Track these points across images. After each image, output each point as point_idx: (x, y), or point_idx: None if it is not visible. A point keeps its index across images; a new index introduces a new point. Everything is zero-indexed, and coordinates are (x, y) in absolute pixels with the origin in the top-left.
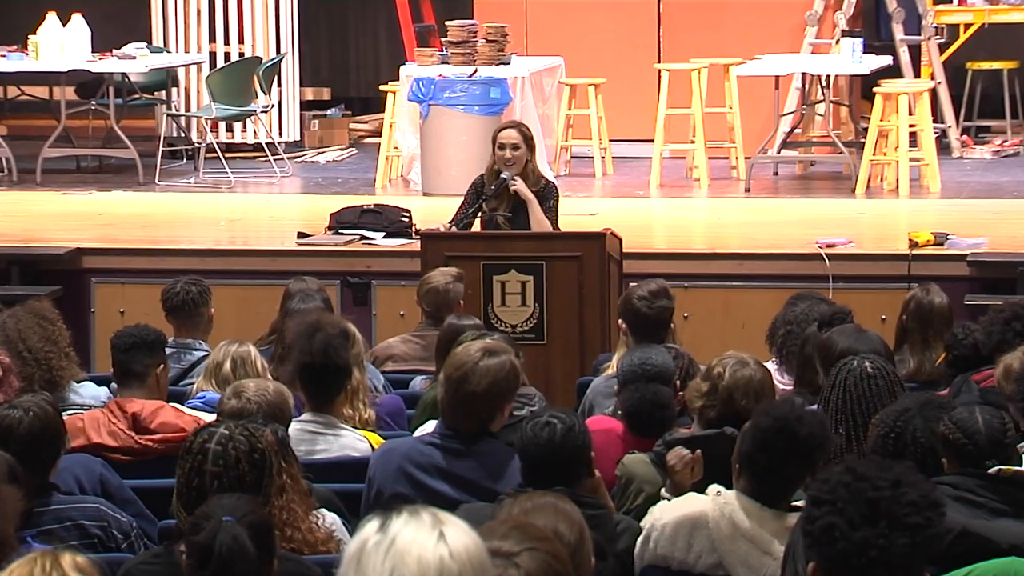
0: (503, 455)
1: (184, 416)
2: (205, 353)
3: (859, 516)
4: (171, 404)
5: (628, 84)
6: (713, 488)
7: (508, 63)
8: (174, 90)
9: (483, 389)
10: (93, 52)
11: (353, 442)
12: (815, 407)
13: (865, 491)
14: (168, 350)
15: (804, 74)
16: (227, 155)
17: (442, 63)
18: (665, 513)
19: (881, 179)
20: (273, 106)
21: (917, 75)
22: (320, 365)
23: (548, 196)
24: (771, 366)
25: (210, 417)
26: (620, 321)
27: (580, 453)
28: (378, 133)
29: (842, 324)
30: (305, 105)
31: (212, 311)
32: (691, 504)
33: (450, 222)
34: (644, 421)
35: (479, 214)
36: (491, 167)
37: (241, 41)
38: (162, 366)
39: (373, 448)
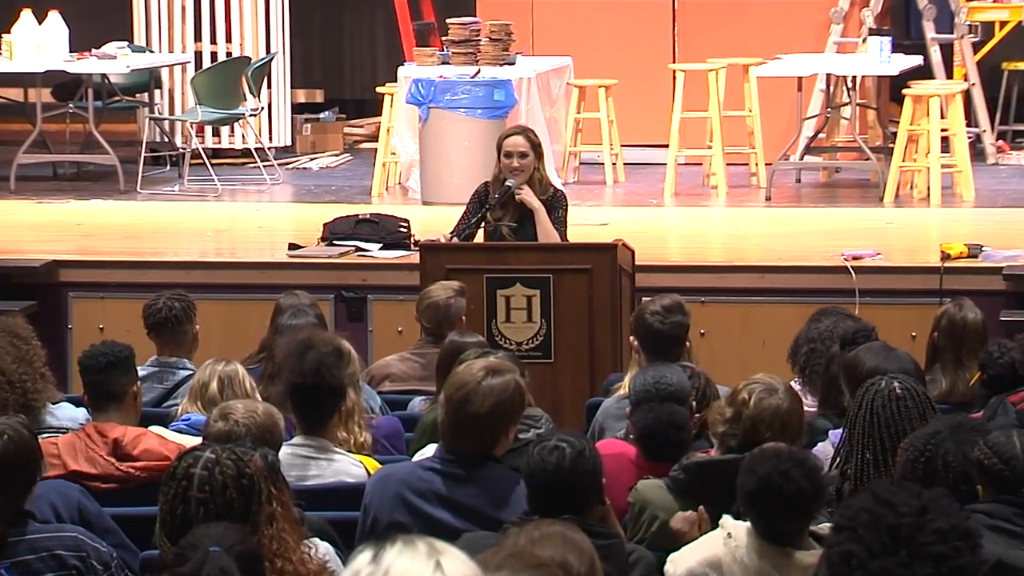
0: (507, 481)
1: (169, 443)
2: (190, 373)
3: (879, 544)
4: (154, 429)
5: (641, 86)
6: (726, 523)
7: (513, 63)
8: (157, 92)
9: (486, 411)
10: (71, 52)
11: (347, 467)
12: (839, 430)
13: (885, 517)
14: (150, 369)
15: (829, 75)
16: (214, 161)
17: (443, 63)
18: (679, 564)
19: (911, 187)
20: (263, 109)
21: (949, 76)
22: (312, 385)
23: (556, 205)
24: (794, 386)
25: (196, 441)
26: (632, 338)
27: (590, 479)
28: (374, 138)
29: (867, 342)
30: (297, 108)
31: (197, 328)
32: (704, 549)
33: (451, 233)
34: (659, 443)
35: (482, 224)
36: (496, 175)
37: (228, 40)
38: (138, 383)
39: (369, 473)
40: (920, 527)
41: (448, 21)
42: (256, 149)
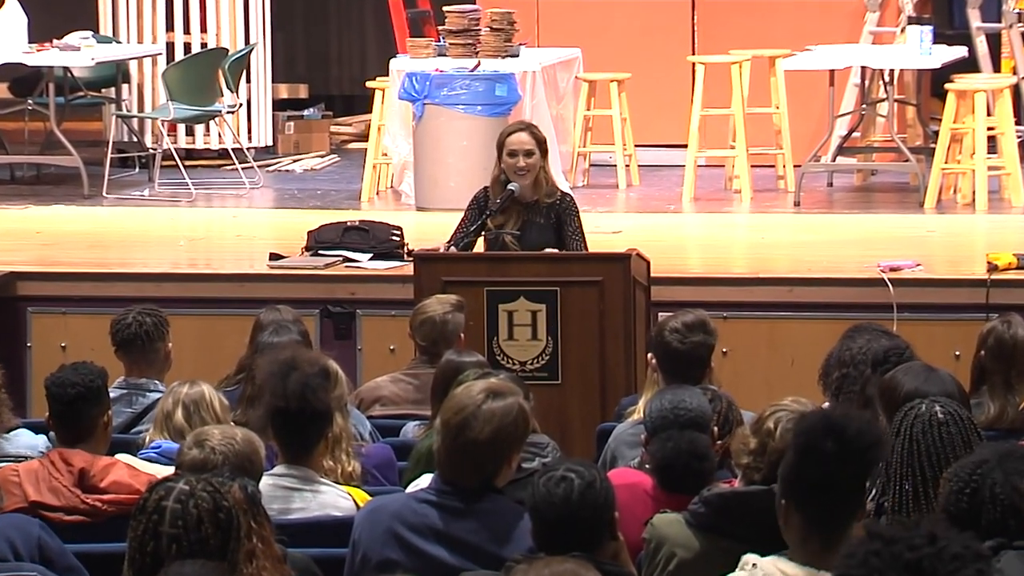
0: (510, 515)
1: (140, 475)
2: (161, 395)
3: None
4: (123, 458)
5: (657, 80)
6: (748, 559)
7: (516, 55)
8: (125, 87)
9: (487, 437)
10: (30, 43)
11: (334, 499)
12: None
13: (901, 555)
14: (118, 391)
15: (864, 68)
16: (187, 163)
17: (439, 55)
18: None
19: (954, 191)
20: (241, 106)
21: (997, 69)
22: (296, 409)
23: (568, 213)
24: None
25: (169, 471)
26: (650, 355)
27: (602, 513)
28: (364, 137)
29: (901, 361)
30: (278, 105)
31: (170, 346)
32: None
33: (449, 242)
34: (679, 474)
35: (483, 232)
36: (496, 177)
37: (203, 30)
38: (109, 412)
39: (358, 506)
40: (939, 556)
41: (445, 9)
42: (234, 150)
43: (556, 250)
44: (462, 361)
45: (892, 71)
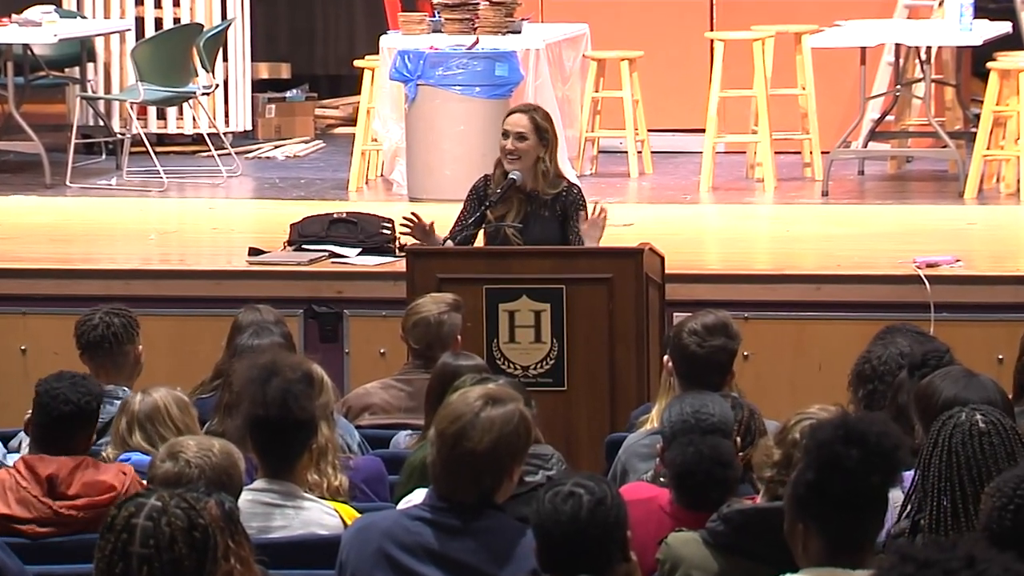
0: (511, 533)
1: (108, 468)
2: None
3: None
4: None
5: (672, 58)
6: None
7: (518, 32)
8: (90, 66)
9: (486, 447)
10: None
11: (319, 516)
12: (909, 473)
13: None
14: None
15: (898, 45)
16: (158, 149)
17: (434, 32)
18: None
19: (997, 179)
20: (217, 87)
21: None
22: (277, 419)
23: (574, 205)
24: None
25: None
26: (666, 358)
27: (612, 532)
28: (352, 121)
29: (940, 366)
30: (258, 86)
31: (140, 349)
32: None
33: (447, 236)
34: (700, 483)
35: (483, 224)
36: (499, 161)
37: (176, 4)
38: (94, 435)
39: (345, 524)
40: None
41: None
42: (209, 135)
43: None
44: (459, 365)
45: (929, 48)
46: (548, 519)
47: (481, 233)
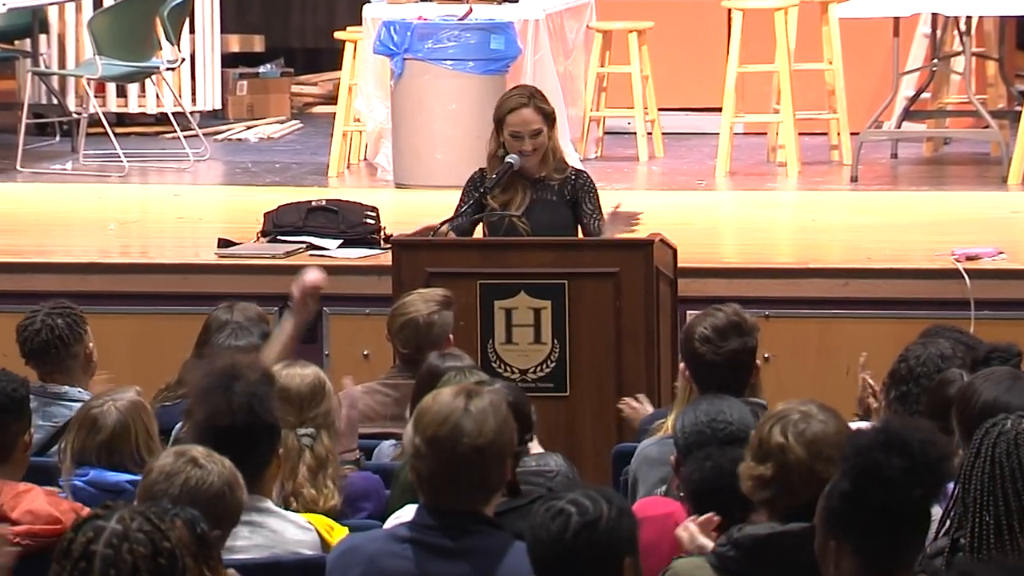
0: (506, 552)
1: (62, 503)
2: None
3: None
4: (45, 487)
5: (685, 30)
6: None
7: (516, 0)
8: (43, 38)
9: (488, 439)
10: None
11: (293, 533)
12: (949, 485)
13: None
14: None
15: (935, 15)
16: (118, 130)
17: (422, 0)
18: None
19: None
20: (183, 61)
21: None
22: (244, 427)
23: (584, 190)
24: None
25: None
26: (682, 365)
27: (607, 556)
28: (332, 100)
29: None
30: (228, 60)
31: (91, 346)
32: None
33: (448, 221)
34: (722, 502)
35: (482, 215)
36: (494, 153)
37: None
38: (31, 430)
39: (322, 538)
40: None
41: None
42: (175, 114)
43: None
44: (444, 366)
45: (969, 18)
46: (534, 536)
47: (481, 225)
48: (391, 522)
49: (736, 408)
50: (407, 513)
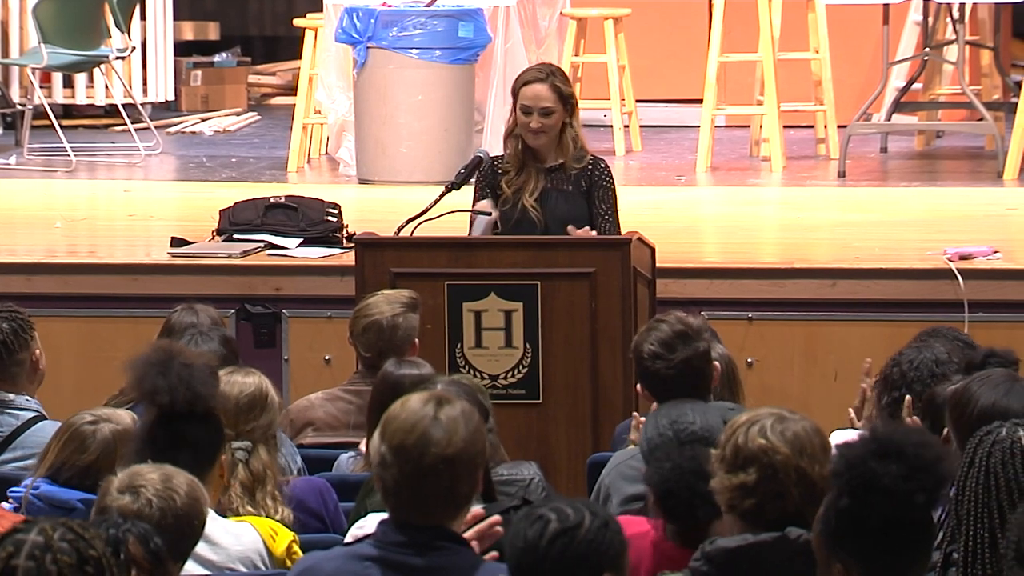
0: (477, 569)
1: (5, 515)
2: (34, 414)
3: None
4: None
5: (664, 16)
6: None
7: None
8: None
9: (458, 449)
10: None
11: (232, 540)
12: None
13: None
14: None
15: (926, 2)
16: (65, 123)
17: None
18: None
19: None
20: (134, 50)
21: None
22: (185, 405)
23: (600, 185)
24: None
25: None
26: (639, 387)
27: (584, 566)
28: (292, 91)
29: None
30: (182, 48)
31: (38, 352)
32: None
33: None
34: (684, 502)
35: (500, 204)
36: (510, 130)
37: None
38: None
39: (264, 541)
40: None
41: None
42: (125, 106)
43: (584, 227)
44: (402, 375)
45: (963, 5)
46: (511, 543)
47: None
48: (354, 533)
49: (700, 410)
50: (371, 523)
